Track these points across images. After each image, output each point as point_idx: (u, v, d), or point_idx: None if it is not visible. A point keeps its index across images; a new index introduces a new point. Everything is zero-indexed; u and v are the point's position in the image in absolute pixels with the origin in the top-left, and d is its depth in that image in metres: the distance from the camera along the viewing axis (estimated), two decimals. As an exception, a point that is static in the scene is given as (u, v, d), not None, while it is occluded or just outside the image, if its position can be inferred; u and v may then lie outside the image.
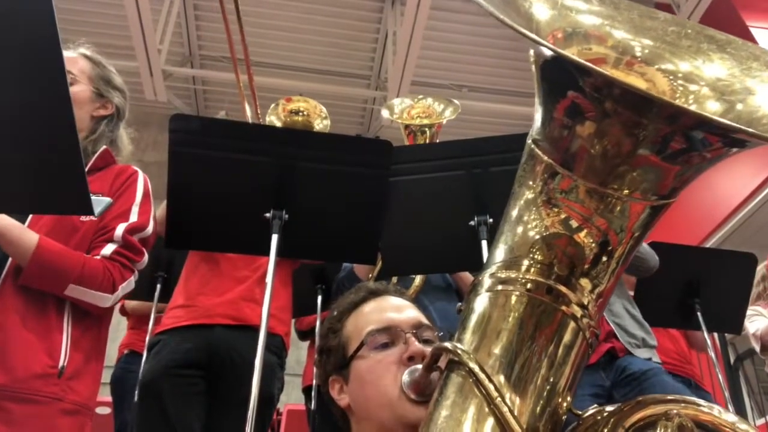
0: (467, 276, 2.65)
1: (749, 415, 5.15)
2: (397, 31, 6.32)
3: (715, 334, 4.61)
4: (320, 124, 3.25)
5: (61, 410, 1.43)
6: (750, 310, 3.15)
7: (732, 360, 5.56)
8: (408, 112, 3.27)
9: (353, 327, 1.12)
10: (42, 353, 1.43)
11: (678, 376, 2.97)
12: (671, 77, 0.80)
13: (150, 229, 1.70)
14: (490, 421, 0.72)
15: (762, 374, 5.36)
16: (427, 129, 3.18)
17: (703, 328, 2.85)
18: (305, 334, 3.61)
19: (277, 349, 2.28)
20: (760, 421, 5.23)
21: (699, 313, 2.87)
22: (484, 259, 1.99)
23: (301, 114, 3.25)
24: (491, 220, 2.07)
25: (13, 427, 1.34)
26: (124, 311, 3.88)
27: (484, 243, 2.04)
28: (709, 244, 5.59)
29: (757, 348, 3.20)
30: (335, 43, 6.89)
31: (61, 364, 1.45)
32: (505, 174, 2.07)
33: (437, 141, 3.21)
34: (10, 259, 1.48)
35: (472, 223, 2.09)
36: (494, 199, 2.08)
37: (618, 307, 2.58)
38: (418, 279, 2.60)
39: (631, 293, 2.85)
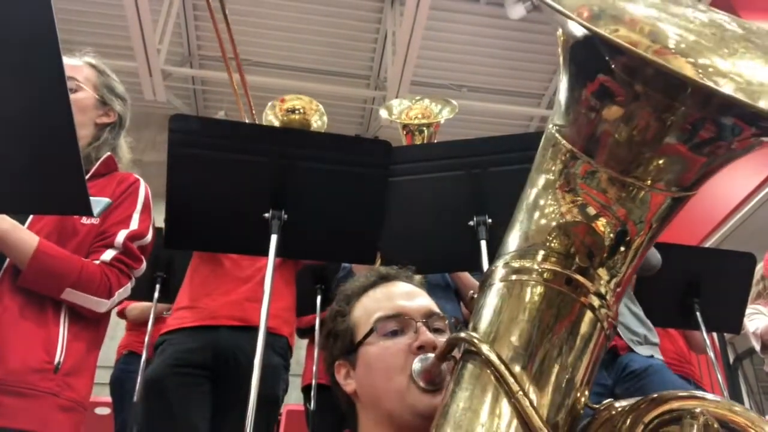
0: (466, 276, 2.65)
1: (749, 414, 5.15)
2: (396, 31, 6.31)
3: (715, 334, 4.61)
4: (318, 121, 3.25)
5: (56, 406, 1.43)
6: (750, 309, 3.15)
7: (731, 360, 5.56)
8: (406, 113, 3.28)
9: (362, 311, 1.10)
10: (38, 348, 1.44)
11: (676, 375, 2.98)
12: (699, 69, 0.79)
13: (149, 237, 1.72)
14: (511, 414, 0.71)
15: (761, 374, 5.36)
16: (425, 128, 3.19)
17: (703, 328, 2.86)
18: (304, 332, 3.62)
19: (282, 350, 2.27)
20: (760, 421, 5.22)
21: (698, 313, 2.87)
22: (484, 259, 2.00)
23: (297, 112, 3.26)
24: (490, 220, 2.07)
25: (5, 421, 1.34)
26: (122, 315, 3.87)
27: (483, 243, 2.04)
28: (708, 244, 5.59)
29: (757, 346, 3.20)
30: (335, 43, 6.88)
31: (57, 359, 1.45)
32: (505, 174, 2.09)
33: (435, 140, 3.22)
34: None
35: (471, 223, 2.09)
36: (493, 200, 2.08)
37: (620, 305, 2.58)
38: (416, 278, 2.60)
39: (631, 292, 2.85)
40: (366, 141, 2.30)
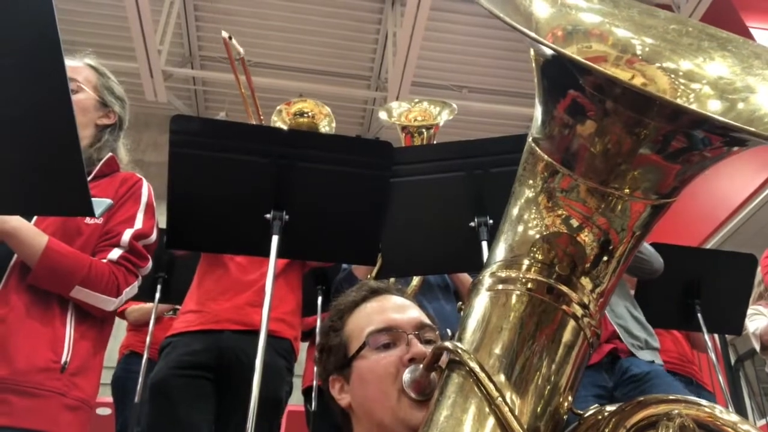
0: (465, 277, 2.65)
1: (750, 416, 5.15)
2: (397, 31, 6.32)
3: (716, 335, 4.61)
4: (326, 126, 3.24)
5: (63, 405, 1.43)
6: (751, 309, 3.15)
7: (732, 361, 5.55)
8: (405, 115, 3.28)
9: (354, 326, 1.12)
10: (45, 347, 1.45)
11: (678, 375, 2.97)
12: (672, 76, 0.80)
13: (154, 237, 1.73)
14: (491, 422, 0.72)
15: (762, 375, 5.35)
16: (424, 130, 3.18)
17: (704, 329, 2.85)
18: (305, 335, 3.62)
19: (285, 352, 2.28)
20: (761, 422, 5.22)
21: (699, 314, 2.87)
22: (485, 261, 2.00)
23: (306, 115, 3.25)
24: (491, 221, 2.07)
25: (13, 420, 1.35)
26: (121, 315, 3.86)
27: (484, 244, 2.03)
28: (709, 245, 5.59)
29: (757, 347, 3.20)
30: (335, 44, 6.89)
31: (64, 359, 1.46)
32: (506, 175, 2.07)
33: (434, 142, 3.21)
34: (15, 255, 1.49)
35: (472, 224, 2.09)
36: (495, 200, 2.08)
37: (621, 308, 2.58)
38: (415, 280, 2.60)
39: (631, 292, 2.85)
40: (367, 142, 2.29)
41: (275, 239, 1.85)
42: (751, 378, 5.52)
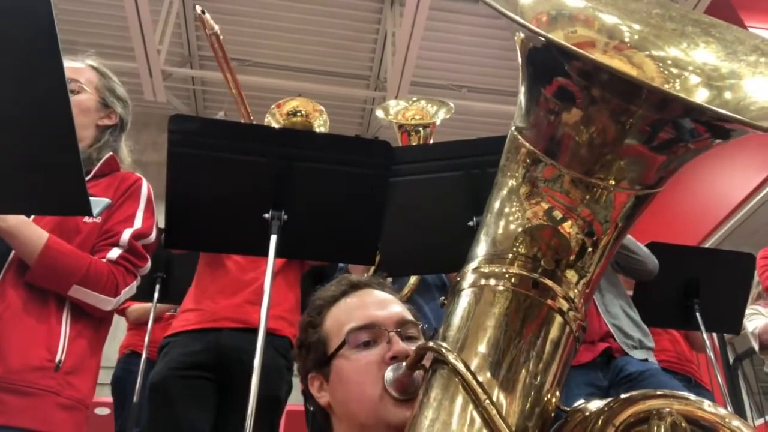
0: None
1: (748, 415, 5.15)
2: (396, 31, 6.32)
3: (714, 335, 4.61)
4: (321, 127, 3.24)
5: (57, 404, 1.43)
6: (749, 309, 3.15)
7: (731, 360, 5.56)
8: (402, 114, 3.27)
9: (334, 322, 1.08)
10: (40, 346, 1.44)
11: (677, 374, 2.97)
12: (660, 63, 0.78)
13: (153, 236, 1.73)
14: (478, 424, 0.70)
15: (761, 374, 5.35)
16: (421, 129, 3.18)
17: (702, 328, 2.86)
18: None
19: (285, 350, 2.28)
20: (759, 422, 5.23)
21: (698, 314, 2.87)
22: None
23: (299, 114, 3.24)
24: (490, 220, 2.07)
25: (6, 419, 1.35)
26: (121, 312, 3.87)
27: (483, 243, 2.03)
28: (708, 244, 5.59)
29: (756, 346, 3.20)
30: (334, 44, 6.89)
31: (58, 358, 1.46)
32: (504, 174, 2.08)
33: (431, 141, 3.22)
34: (12, 251, 1.49)
35: (470, 223, 2.09)
36: (493, 200, 2.08)
37: (616, 308, 2.58)
38: (413, 279, 2.60)
39: (630, 292, 2.85)
40: (366, 141, 2.30)
41: (274, 239, 1.86)
42: (749, 377, 5.52)
